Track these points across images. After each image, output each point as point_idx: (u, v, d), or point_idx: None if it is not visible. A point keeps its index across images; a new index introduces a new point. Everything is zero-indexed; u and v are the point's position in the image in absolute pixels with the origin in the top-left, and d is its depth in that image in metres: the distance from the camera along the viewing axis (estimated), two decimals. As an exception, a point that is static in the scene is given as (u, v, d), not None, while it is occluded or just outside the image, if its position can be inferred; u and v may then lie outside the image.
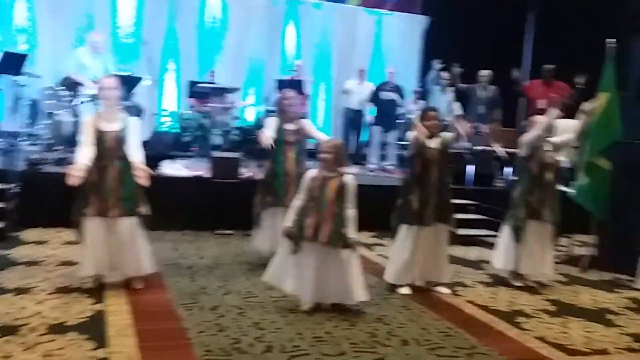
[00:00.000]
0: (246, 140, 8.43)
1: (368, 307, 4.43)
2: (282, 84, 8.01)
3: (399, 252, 4.89)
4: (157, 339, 3.69)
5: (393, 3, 10.90)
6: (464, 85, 9.28)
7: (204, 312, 4.15)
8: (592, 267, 6.01)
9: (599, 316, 4.65)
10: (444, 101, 9.27)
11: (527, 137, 5.24)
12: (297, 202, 4.33)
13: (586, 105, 6.14)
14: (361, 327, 4.06)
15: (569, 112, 6.63)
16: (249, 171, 7.13)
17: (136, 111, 7.21)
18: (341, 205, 4.21)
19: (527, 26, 10.75)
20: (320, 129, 9.92)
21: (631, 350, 4.01)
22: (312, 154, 5.25)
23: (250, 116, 9.86)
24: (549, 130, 5.23)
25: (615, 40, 6.13)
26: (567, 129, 5.75)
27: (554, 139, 5.36)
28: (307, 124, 5.48)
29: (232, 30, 10.29)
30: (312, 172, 4.37)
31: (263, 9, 10.45)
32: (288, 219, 4.32)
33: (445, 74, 9.33)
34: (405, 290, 4.90)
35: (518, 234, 5.19)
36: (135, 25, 9.87)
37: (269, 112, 7.97)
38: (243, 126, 9.05)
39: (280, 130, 5.26)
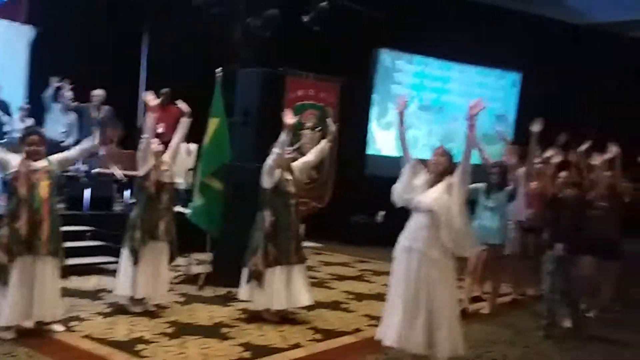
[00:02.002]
0: None
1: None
2: None
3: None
4: None
5: (-10, 8, 9.64)
6: (76, 104, 8.86)
7: None
8: (208, 283, 6.30)
9: (214, 331, 4.87)
10: (66, 121, 8.67)
11: (138, 152, 5.22)
12: None
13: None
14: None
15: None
16: None
17: None
18: None
19: (143, 48, 10.84)
20: None
21: (242, 359, 4.29)
22: None
23: None
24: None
25: (222, 69, 6.64)
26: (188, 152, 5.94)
27: (168, 152, 5.48)
28: None
29: None
30: None
31: None
32: None
33: (67, 92, 8.75)
34: (8, 335, 4.30)
35: (135, 256, 5.12)
36: None
37: None
38: None
39: None
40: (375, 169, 10.97)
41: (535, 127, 6.12)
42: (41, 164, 4.42)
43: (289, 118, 5.07)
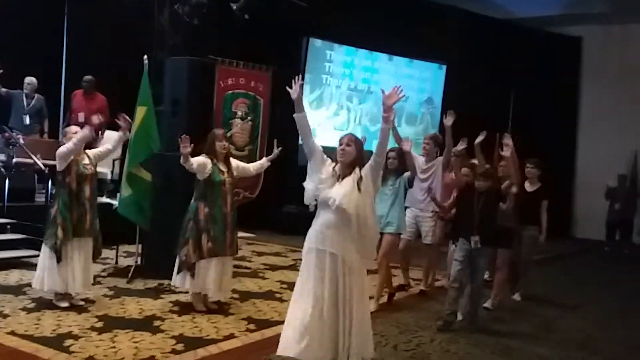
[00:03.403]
0: None
1: None
2: None
3: None
4: None
5: None
6: (5, 90, 8.44)
7: None
8: (138, 276, 6.17)
9: (146, 324, 4.79)
10: None
11: (63, 149, 5.03)
12: None
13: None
14: None
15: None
16: None
17: None
18: None
19: (64, 34, 10.37)
20: None
21: (176, 352, 4.24)
22: None
23: None
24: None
25: (149, 56, 6.48)
26: (110, 139, 5.77)
27: (95, 150, 5.35)
28: None
29: None
30: None
31: None
32: None
33: None
34: None
35: (59, 252, 4.95)
36: None
37: None
38: None
39: None
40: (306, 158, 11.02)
41: (448, 120, 6.24)
42: None
43: (184, 147, 4.91)
